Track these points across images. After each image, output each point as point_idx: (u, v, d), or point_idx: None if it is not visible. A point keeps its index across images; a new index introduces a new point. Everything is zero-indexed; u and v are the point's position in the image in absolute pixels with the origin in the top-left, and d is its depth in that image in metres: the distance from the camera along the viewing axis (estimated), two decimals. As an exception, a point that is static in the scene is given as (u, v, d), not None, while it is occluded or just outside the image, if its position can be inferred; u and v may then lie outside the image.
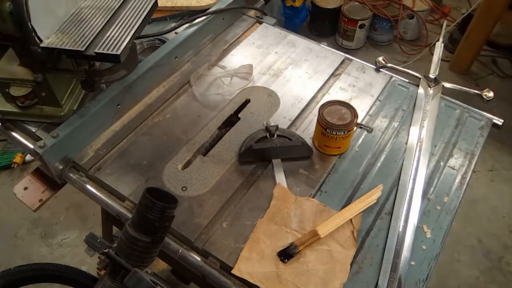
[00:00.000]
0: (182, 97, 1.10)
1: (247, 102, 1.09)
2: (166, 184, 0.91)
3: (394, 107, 1.09)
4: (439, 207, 0.90)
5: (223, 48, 1.23)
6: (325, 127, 0.92)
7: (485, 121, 1.06)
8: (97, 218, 1.80)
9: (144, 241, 0.67)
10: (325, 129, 0.92)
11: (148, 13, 0.90)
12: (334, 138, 0.92)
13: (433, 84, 1.11)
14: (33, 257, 1.87)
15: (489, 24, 2.36)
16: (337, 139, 0.92)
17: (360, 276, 0.80)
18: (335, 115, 0.93)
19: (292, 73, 1.16)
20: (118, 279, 0.68)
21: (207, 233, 0.84)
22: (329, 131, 0.92)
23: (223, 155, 0.97)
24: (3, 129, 1.01)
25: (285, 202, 0.88)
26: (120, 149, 0.98)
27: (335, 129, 0.91)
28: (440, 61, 1.16)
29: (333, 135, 0.92)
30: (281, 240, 0.82)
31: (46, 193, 1.00)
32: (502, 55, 2.73)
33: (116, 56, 0.80)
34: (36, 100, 0.94)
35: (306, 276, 0.78)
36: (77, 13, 0.89)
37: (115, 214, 0.90)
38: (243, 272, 0.77)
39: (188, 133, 1.01)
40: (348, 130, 0.92)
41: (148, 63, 1.05)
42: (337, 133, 0.91)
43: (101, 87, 1.04)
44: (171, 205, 0.68)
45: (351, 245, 0.82)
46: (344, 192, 0.91)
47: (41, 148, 0.87)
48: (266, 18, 1.32)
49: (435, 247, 0.84)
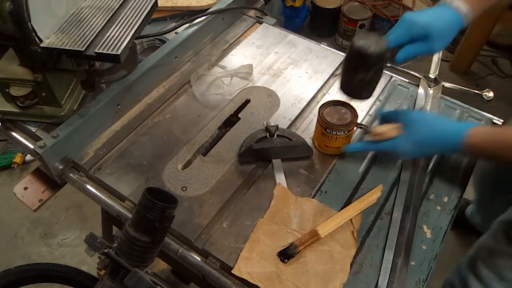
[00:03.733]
0: (182, 97, 1.10)
1: (247, 102, 1.09)
2: (166, 184, 0.91)
3: (394, 107, 1.09)
4: (439, 207, 0.90)
5: (223, 48, 1.23)
6: (325, 127, 0.92)
7: (485, 121, 1.06)
8: (97, 218, 1.79)
9: (144, 241, 0.67)
10: (325, 129, 0.92)
11: (148, 13, 0.90)
12: (334, 138, 0.92)
13: (433, 84, 1.11)
14: (33, 257, 1.87)
15: (489, 24, 2.36)
16: (337, 139, 0.92)
17: (360, 276, 0.80)
18: (335, 115, 0.93)
19: (292, 73, 1.16)
20: (118, 279, 0.68)
21: (207, 233, 0.84)
22: (329, 131, 0.92)
23: (223, 155, 0.97)
24: (3, 129, 1.01)
25: (285, 202, 0.88)
26: (120, 149, 0.98)
27: (335, 129, 0.91)
28: (440, 61, 1.16)
29: (333, 135, 0.92)
30: (281, 240, 0.82)
31: (46, 193, 1.00)
32: (502, 55, 2.73)
33: (116, 56, 0.80)
34: (36, 100, 0.94)
35: (306, 276, 0.78)
36: (77, 13, 0.89)
37: (115, 214, 0.90)
38: (243, 272, 0.77)
39: (188, 133, 1.01)
40: (348, 130, 0.92)
41: (148, 63, 1.05)
42: (337, 133, 0.91)
43: (101, 87, 1.04)
44: (171, 205, 0.68)
45: (351, 245, 0.82)
46: (344, 192, 0.91)
47: (41, 148, 0.87)
48: (266, 18, 1.33)
49: (435, 247, 0.84)
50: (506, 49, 2.74)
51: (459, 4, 0.86)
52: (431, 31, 0.83)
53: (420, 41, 0.84)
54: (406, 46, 0.85)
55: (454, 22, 0.86)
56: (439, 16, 0.85)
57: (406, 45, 0.85)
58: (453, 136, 0.80)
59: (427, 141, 0.84)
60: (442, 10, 0.86)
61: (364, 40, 0.80)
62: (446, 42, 0.87)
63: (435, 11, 0.86)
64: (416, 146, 0.86)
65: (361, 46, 0.79)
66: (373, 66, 0.82)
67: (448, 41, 0.87)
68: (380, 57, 0.80)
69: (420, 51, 0.86)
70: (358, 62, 0.82)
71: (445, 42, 0.87)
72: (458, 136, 0.80)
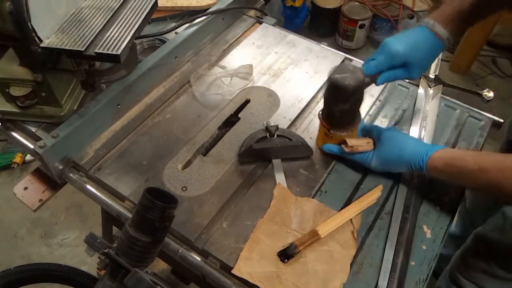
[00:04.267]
0: (182, 97, 1.10)
1: (247, 102, 1.09)
2: (166, 184, 0.91)
3: (394, 107, 1.09)
4: (439, 207, 0.90)
5: (223, 48, 1.23)
6: (328, 128, 0.92)
7: (485, 121, 1.06)
8: (97, 218, 1.79)
9: (144, 241, 0.67)
10: (329, 130, 0.92)
11: (148, 13, 0.90)
12: (338, 139, 0.92)
13: (433, 84, 1.11)
14: (33, 257, 1.87)
15: (489, 24, 2.36)
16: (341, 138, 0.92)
17: (360, 276, 0.80)
18: None
19: (292, 73, 1.16)
20: (118, 279, 0.68)
21: (207, 233, 0.84)
22: (332, 132, 0.92)
23: (223, 155, 0.97)
24: (3, 129, 1.01)
25: (285, 202, 0.88)
26: (120, 149, 0.98)
27: (338, 130, 0.91)
28: (440, 61, 1.16)
29: (337, 136, 0.92)
30: (281, 240, 0.82)
31: (46, 193, 1.00)
32: (502, 55, 2.73)
33: (116, 56, 0.80)
34: (36, 100, 0.94)
35: (306, 276, 0.78)
36: (77, 13, 0.89)
37: (115, 214, 0.90)
38: (243, 272, 0.77)
39: (188, 133, 1.01)
40: (352, 131, 0.92)
41: (148, 63, 1.05)
42: (341, 133, 0.91)
43: (101, 87, 1.04)
44: (171, 205, 0.68)
45: (351, 245, 0.82)
46: (344, 192, 0.91)
47: (41, 148, 0.87)
48: (266, 18, 1.32)
49: (435, 247, 0.84)
50: (506, 49, 2.74)
51: (440, 30, 0.87)
52: (411, 60, 0.86)
53: (399, 67, 0.88)
54: (386, 72, 0.88)
55: (434, 49, 0.89)
56: (420, 45, 0.86)
57: (386, 71, 0.88)
58: (418, 158, 0.83)
59: (394, 161, 0.88)
60: (423, 36, 0.87)
61: (340, 74, 0.82)
62: (425, 69, 0.91)
63: (416, 38, 0.87)
64: (384, 163, 0.89)
65: (338, 79, 0.82)
66: (350, 97, 0.84)
67: (427, 67, 0.92)
68: (357, 88, 0.83)
69: (399, 77, 0.89)
70: (336, 94, 0.85)
71: (424, 69, 0.90)
72: (422, 159, 0.83)
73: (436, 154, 0.82)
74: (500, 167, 0.73)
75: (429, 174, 0.83)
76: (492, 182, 0.73)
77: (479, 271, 1.17)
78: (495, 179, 0.73)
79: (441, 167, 0.81)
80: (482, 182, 0.76)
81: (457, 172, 0.79)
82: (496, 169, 0.73)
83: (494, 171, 0.73)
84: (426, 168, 0.82)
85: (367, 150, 0.91)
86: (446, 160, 0.81)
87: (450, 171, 0.80)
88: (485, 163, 0.75)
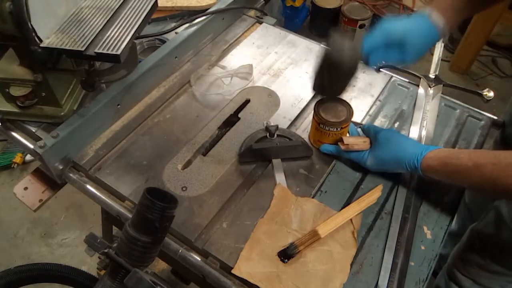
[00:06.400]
0: (182, 97, 1.10)
1: (247, 102, 1.09)
2: (166, 184, 0.91)
3: (394, 107, 1.09)
4: (439, 208, 0.90)
5: (223, 48, 1.23)
6: (318, 122, 0.93)
7: (485, 121, 1.06)
8: (97, 218, 1.79)
9: (144, 241, 0.67)
10: (319, 124, 0.93)
11: (148, 13, 0.90)
12: (327, 134, 0.93)
13: (433, 84, 1.11)
14: (33, 257, 1.87)
15: (489, 24, 2.36)
16: (330, 135, 0.93)
17: (360, 276, 0.80)
18: (331, 112, 0.93)
19: (292, 73, 1.16)
20: (118, 279, 0.68)
21: (207, 233, 0.84)
22: (322, 127, 0.92)
23: (223, 155, 0.97)
24: (3, 129, 1.01)
25: (286, 202, 0.88)
26: (120, 149, 0.98)
27: (328, 124, 0.91)
28: (440, 61, 1.16)
29: (326, 130, 0.92)
30: (281, 240, 0.82)
31: (46, 193, 1.00)
32: (502, 55, 2.73)
33: (116, 56, 0.80)
34: (36, 100, 0.94)
35: (306, 276, 0.78)
36: (77, 13, 0.89)
37: (115, 214, 0.90)
38: (243, 272, 0.77)
39: (188, 133, 1.01)
40: (342, 127, 0.92)
41: (148, 63, 1.05)
42: (330, 129, 0.92)
43: (101, 87, 1.04)
44: (171, 205, 0.68)
45: (351, 245, 0.82)
46: (344, 192, 0.91)
47: (41, 148, 0.87)
48: (266, 18, 1.32)
49: (435, 247, 0.84)
50: (506, 49, 2.74)
51: (437, 18, 0.87)
52: (406, 41, 0.85)
53: (394, 48, 0.87)
54: (380, 51, 0.87)
55: (430, 36, 0.88)
56: (417, 28, 0.86)
57: (380, 50, 0.87)
58: (413, 158, 0.83)
59: (389, 160, 0.88)
60: (420, 22, 0.87)
61: (339, 46, 0.83)
62: (419, 55, 0.89)
63: (414, 21, 0.87)
64: (380, 163, 0.90)
65: (336, 52, 0.83)
66: (347, 71, 0.86)
67: (421, 55, 0.90)
68: (353, 63, 0.84)
69: (393, 59, 0.89)
70: (332, 66, 0.85)
71: (418, 55, 0.89)
72: (417, 159, 0.83)
73: (430, 153, 0.82)
74: (495, 162, 0.72)
75: (424, 174, 0.83)
76: (488, 177, 0.73)
77: (475, 267, 1.18)
78: (490, 174, 0.72)
79: (436, 166, 0.81)
80: (477, 179, 0.75)
81: (452, 170, 0.79)
82: (491, 164, 0.73)
83: (489, 166, 0.73)
84: (421, 168, 0.82)
85: (363, 149, 0.92)
86: (441, 159, 0.81)
87: (445, 170, 0.80)
88: (480, 159, 0.75)
